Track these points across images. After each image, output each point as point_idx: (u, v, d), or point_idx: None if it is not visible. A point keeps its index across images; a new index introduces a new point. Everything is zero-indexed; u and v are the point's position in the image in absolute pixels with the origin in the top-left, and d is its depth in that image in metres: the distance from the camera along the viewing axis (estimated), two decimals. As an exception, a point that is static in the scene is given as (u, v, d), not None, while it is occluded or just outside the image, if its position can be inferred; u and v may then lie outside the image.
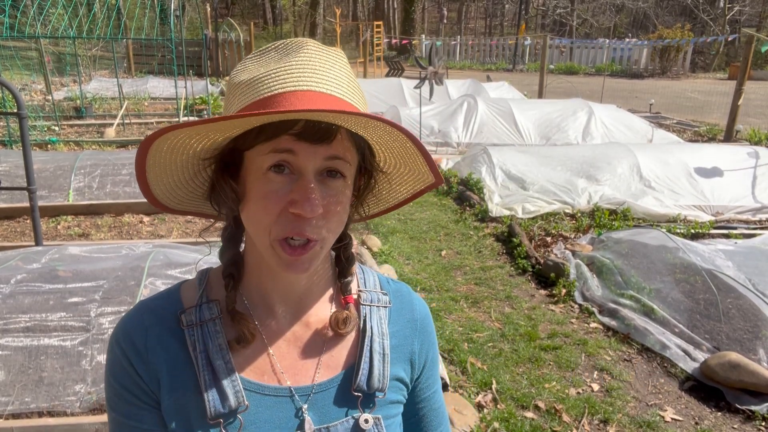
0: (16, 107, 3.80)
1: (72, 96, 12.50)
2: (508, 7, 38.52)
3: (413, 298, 0.90)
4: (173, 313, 0.77)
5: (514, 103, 9.60)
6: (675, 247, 4.23)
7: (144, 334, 0.75)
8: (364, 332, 0.81)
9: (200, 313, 0.76)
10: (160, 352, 0.74)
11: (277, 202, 0.67)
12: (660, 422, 2.92)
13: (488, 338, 3.70)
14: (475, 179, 6.56)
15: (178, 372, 0.74)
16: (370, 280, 0.88)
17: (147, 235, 5.24)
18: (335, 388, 0.78)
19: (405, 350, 0.85)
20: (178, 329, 0.76)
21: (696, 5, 27.88)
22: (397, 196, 0.85)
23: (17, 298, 2.94)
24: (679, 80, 20.58)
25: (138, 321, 0.76)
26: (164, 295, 0.80)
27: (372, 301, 0.85)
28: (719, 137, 9.83)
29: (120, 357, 0.75)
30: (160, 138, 0.66)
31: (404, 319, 0.86)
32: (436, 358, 0.91)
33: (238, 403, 0.72)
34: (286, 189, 0.67)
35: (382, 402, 0.80)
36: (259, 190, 0.68)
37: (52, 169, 6.19)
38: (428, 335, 0.89)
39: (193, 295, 0.79)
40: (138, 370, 0.74)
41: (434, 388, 0.90)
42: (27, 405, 2.66)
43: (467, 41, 27.81)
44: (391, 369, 0.82)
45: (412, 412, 0.88)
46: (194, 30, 25.28)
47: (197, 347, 0.74)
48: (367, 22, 26.77)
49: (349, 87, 0.70)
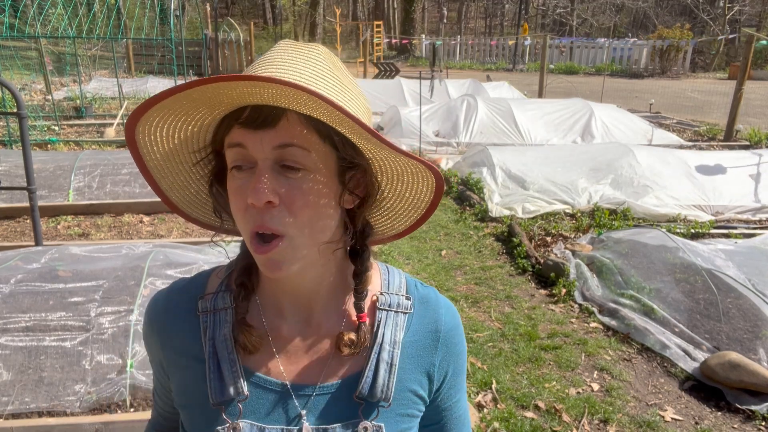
0: (16, 107, 3.80)
1: (72, 96, 12.48)
2: (508, 7, 38.50)
3: (440, 306, 0.84)
4: (195, 297, 0.81)
5: (514, 103, 9.60)
6: (675, 246, 4.23)
7: (165, 314, 0.81)
8: (375, 339, 0.78)
9: (215, 301, 0.79)
10: (176, 333, 0.79)
11: (241, 197, 0.68)
12: (660, 422, 2.92)
13: (488, 338, 3.70)
14: (475, 179, 6.56)
15: (188, 355, 0.78)
16: (395, 281, 0.84)
17: (147, 235, 5.24)
18: (337, 392, 0.77)
19: (422, 362, 0.81)
20: (195, 314, 0.80)
21: (696, 5, 27.88)
22: (414, 204, 0.80)
23: (17, 297, 2.94)
24: (679, 80, 20.57)
25: (164, 301, 0.82)
26: (196, 278, 0.84)
27: (391, 305, 0.81)
28: (719, 137, 9.83)
29: (147, 329, 0.83)
30: (139, 125, 0.69)
31: (426, 329, 0.82)
32: (461, 369, 0.86)
33: (238, 392, 0.74)
34: (246, 183, 0.68)
35: (388, 413, 0.77)
36: (229, 189, 0.70)
37: (52, 169, 6.19)
38: (453, 347, 0.83)
39: (217, 282, 0.82)
40: (158, 345, 0.81)
41: (456, 397, 0.87)
42: (27, 405, 2.66)
43: (467, 41, 27.80)
44: (404, 382, 0.79)
45: (433, 419, 0.86)
46: (194, 30, 25.27)
47: (207, 334, 0.77)
48: (367, 22, 26.78)
49: (312, 73, 0.66)
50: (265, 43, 30.27)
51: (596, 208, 5.82)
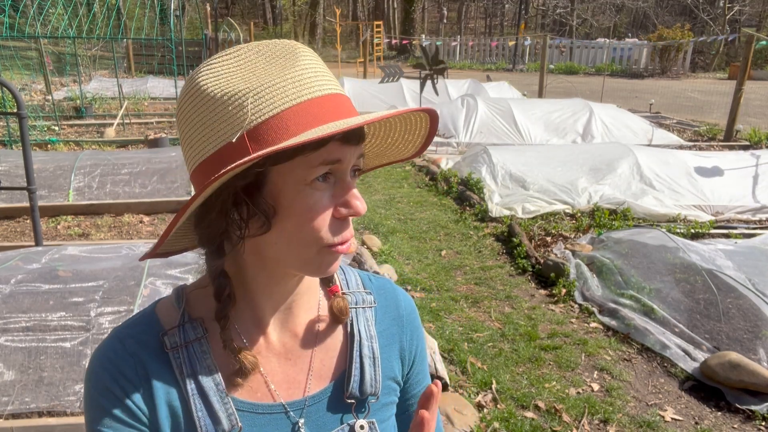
0: (16, 107, 3.80)
1: (72, 96, 12.49)
2: (508, 7, 38.51)
3: (398, 293, 0.88)
4: (155, 335, 0.72)
5: (514, 103, 9.60)
6: (675, 246, 4.23)
7: (130, 360, 0.70)
8: (352, 336, 0.80)
9: (184, 334, 0.72)
10: (149, 378, 0.70)
11: (325, 209, 0.67)
12: (660, 422, 2.92)
13: (488, 338, 3.70)
14: (475, 179, 6.56)
15: (168, 397, 0.71)
16: (352, 279, 0.86)
17: (147, 235, 5.24)
18: (328, 397, 0.77)
19: (394, 348, 0.84)
20: (162, 353, 0.71)
21: (696, 5, 27.88)
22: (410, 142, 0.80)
23: (17, 298, 2.94)
24: (679, 80, 20.58)
25: (120, 349, 0.71)
26: (140, 319, 0.75)
27: (357, 303, 0.82)
28: (719, 137, 9.83)
29: (108, 387, 0.69)
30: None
31: (390, 316, 0.85)
32: (424, 352, 0.90)
33: (231, 425, 0.70)
34: (329, 194, 0.67)
35: (376, 406, 0.79)
36: (303, 203, 0.65)
37: (52, 169, 6.19)
38: (415, 329, 0.87)
39: (173, 315, 0.74)
40: (131, 399, 0.69)
41: (424, 383, 0.89)
42: (27, 405, 2.66)
43: (467, 41, 27.80)
44: (384, 370, 0.81)
45: (402, 408, 0.87)
46: (194, 30, 25.27)
47: (184, 370, 0.70)
48: (367, 22, 26.78)
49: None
50: (265, 43, 30.19)
51: (596, 208, 5.82)
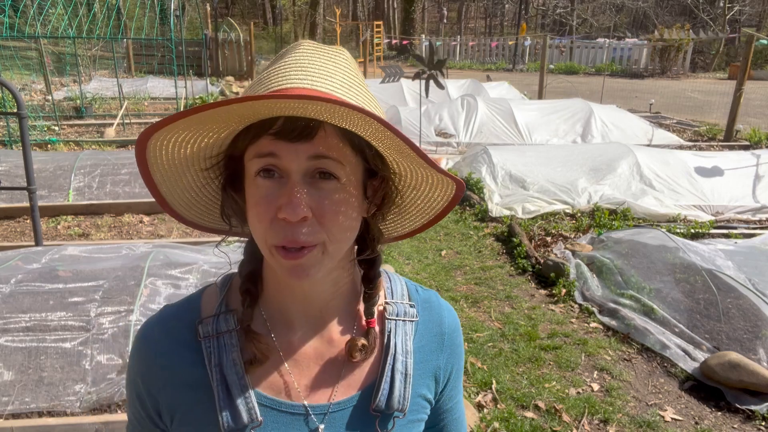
0: (16, 107, 3.80)
1: (72, 96, 12.48)
2: (508, 7, 38.50)
3: (442, 309, 0.85)
4: (192, 322, 0.75)
5: (514, 103, 9.60)
6: (675, 246, 4.23)
7: (166, 342, 0.74)
8: (387, 349, 0.77)
9: (217, 325, 0.73)
10: (179, 362, 0.73)
11: (267, 208, 0.64)
12: (660, 422, 2.92)
13: (488, 338, 3.70)
14: (475, 179, 6.56)
15: (194, 386, 0.72)
16: (398, 289, 0.83)
17: (147, 235, 5.24)
18: (353, 407, 0.75)
19: (430, 366, 0.81)
20: (195, 340, 0.74)
21: (696, 5, 27.87)
22: (424, 210, 0.78)
23: (17, 298, 2.94)
24: (679, 80, 20.57)
25: (160, 327, 0.75)
26: (185, 305, 0.78)
27: (398, 315, 0.80)
28: (719, 137, 9.83)
29: (142, 365, 0.75)
30: (152, 138, 0.64)
31: (431, 333, 0.82)
32: (461, 370, 0.87)
33: (251, 419, 0.70)
34: (276, 194, 0.64)
35: (402, 422, 0.77)
36: (252, 196, 0.66)
37: (52, 169, 6.19)
38: (455, 348, 0.84)
39: (214, 303, 0.76)
40: (159, 384, 0.74)
41: (456, 398, 0.87)
42: (27, 405, 2.66)
43: (467, 41, 27.80)
44: (415, 387, 0.78)
45: (432, 422, 0.85)
46: (194, 30, 25.26)
47: (212, 360, 0.72)
48: (367, 22, 26.79)
49: (344, 82, 0.65)
50: (265, 43, 30.26)
51: (596, 208, 5.82)
